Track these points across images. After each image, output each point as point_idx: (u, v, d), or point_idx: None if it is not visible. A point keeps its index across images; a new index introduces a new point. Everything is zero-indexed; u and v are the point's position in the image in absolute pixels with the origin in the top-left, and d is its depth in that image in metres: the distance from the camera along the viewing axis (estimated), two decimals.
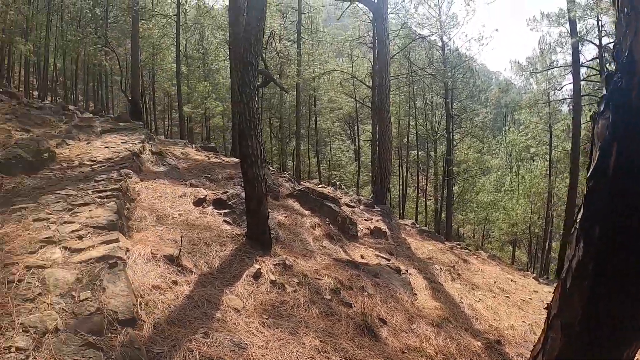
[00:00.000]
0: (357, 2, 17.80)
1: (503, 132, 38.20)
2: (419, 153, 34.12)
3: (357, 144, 38.74)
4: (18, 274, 3.83)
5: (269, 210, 7.09)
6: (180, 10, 28.21)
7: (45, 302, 3.49)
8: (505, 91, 46.34)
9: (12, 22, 23.43)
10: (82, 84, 36.71)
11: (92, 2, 27.64)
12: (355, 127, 39.67)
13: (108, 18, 29.63)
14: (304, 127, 32.93)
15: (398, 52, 26.31)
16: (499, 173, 35.39)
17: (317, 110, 34.82)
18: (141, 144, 10.37)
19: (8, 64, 28.21)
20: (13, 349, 2.95)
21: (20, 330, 3.12)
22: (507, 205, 30.99)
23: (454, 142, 29.61)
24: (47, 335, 3.12)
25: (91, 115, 15.57)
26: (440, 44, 27.93)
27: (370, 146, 28.98)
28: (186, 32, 31.17)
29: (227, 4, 26.26)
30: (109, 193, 5.83)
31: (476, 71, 31.37)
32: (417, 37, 27.49)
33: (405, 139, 33.47)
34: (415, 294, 7.24)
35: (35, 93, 30.76)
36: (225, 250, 5.89)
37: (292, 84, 27.54)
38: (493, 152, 37.80)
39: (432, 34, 27.60)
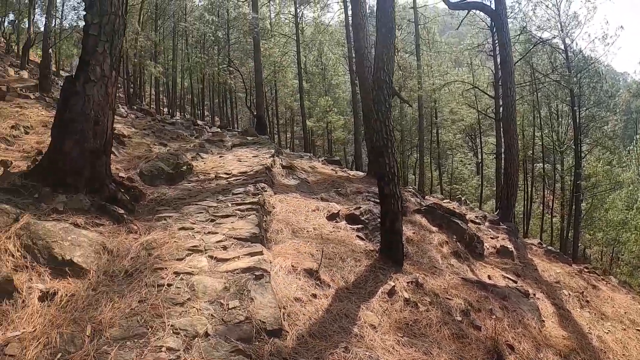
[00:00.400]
0: (474, 10, 17.54)
1: (634, 141, 36.61)
2: (545, 166, 33.10)
3: (479, 156, 38.51)
4: (167, 278, 4.33)
5: None
6: (298, 29, 30.62)
7: (194, 307, 3.92)
8: (636, 95, 41.64)
9: (142, 48, 27.15)
10: (208, 100, 41.36)
11: (214, 27, 30.89)
12: (478, 139, 39.40)
13: (230, 40, 32.84)
14: (425, 140, 33.10)
15: (520, 59, 25.69)
16: (630, 188, 33.02)
17: (439, 123, 35.41)
18: (272, 158, 11.15)
19: (140, 84, 32.94)
20: (164, 349, 3.37)
21: (171, 331, 3.55)
22: (639, 225, 29.11)
23: (582, 154, 28.32)
24: (196, 338, 3.52)
25: (219, 129, 17.30)
26: (562, 46, 27.05)
27: (495, 159, 28.42)
28: (304, 49, 33.35)
29: (343, 20, 27.87)
30: (248, 206, 6.45)
31: (603, 74, 29.67)
32: (538, 41, 26.61)
33: (530, 151, 32.27)
34: (543, 321, 7.27)
35: (165, 110, 35.14)
36: (359, 265, 6.30)
37: (414, 97, 28.15)
38: (624, 164, 35.01)
39: (554, 37, 26.82)
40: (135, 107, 21.50)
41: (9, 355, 3.24)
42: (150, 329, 3.59)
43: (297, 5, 29.33)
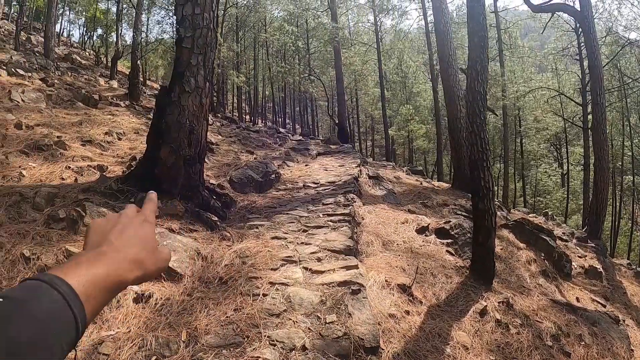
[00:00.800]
0: (558, 12, 16.69)
1: None
2: (635, 179, 31.21)
3: (564, 167, 36.58)
4: (262, 288, 4.36)
5: None
6: (378, 37, 30.57)
7: (290, 319, 3.91)
8: None
9: (225, 58, 28.43)
10: (289, 108, 42.74)
11: (294, 37, 31.58)
12: (563, 148, 37.66)
13: (309, 49, 33.64)
14: (509, 150, 32.16)
15: (607, 63, 24.34)
16: None
17: (522, 132, 34.19)
18: (358, 168, 11.16)
19: (223, 93, 34.60)
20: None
21: (267, 342, 3.57)
22: None
23: None
24: (294, 351, 3.52)
25: (301, 137, 17.62)
26: None
27: (582, 171, 27.39)
28: (384, 57, 33.12)
29: (423, 26, 27.58)
30: (339, 217, 6.48)
31: None
32: (626, 42, 25.18)
33: (619, 162, 30.84)
34: (632, 350, 7.04)
35: (247, 117, 36.47)
36: (450, 282, 6.24)
37: (498, 105, 27.39)
38: None
39: None
40: (219, 115, 22.39)
41: (103, 354, 3.36)
42: (246, 339, 3.63)
43: (376, 14, 29.44)
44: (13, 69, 14.67)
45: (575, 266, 10.40)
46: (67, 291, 0.61)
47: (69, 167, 7.57)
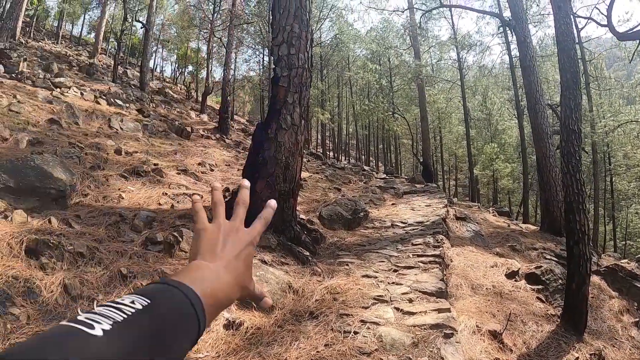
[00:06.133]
0: None
1: None
2: None
3: None
4: (354, 325, 4.43)
5: None
6: (462, 74, 30.33)
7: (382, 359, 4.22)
8: None
9: (310, 96, 30.14)
10: (372, 146, 43.27)
11: (377, 75, 32.12)
12: None
13: (393, 87, 33.84)
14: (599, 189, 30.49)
15: None
16: None
17: (612, 169, 32.26)
18: (445, 208, 11.16)
19: (308, 130, 35.75)
20: None
21: None
22: None
23: None
24: None
25: (385, 176, 17.73)
26: None
27: None
28: (468, 94, 32.70)
29: (507, 61, 27.02)
30: (430, 259, 6.49)
31: None
32: None
33: None
34: None
35: (330, 154, 37.12)
36: (541, 330, 6.06)
37: (586, 142, 26.04)
38: None
39: None
40: (305, 151, 23.06)
41: None
42: None
43: (459, 50, 29.36)
44: (112, 99, 15.95)
45: None
46: (193, 297, 0.67)
47: (166, 194, 8.06)
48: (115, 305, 0.58)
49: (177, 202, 7.87)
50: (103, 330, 0.51)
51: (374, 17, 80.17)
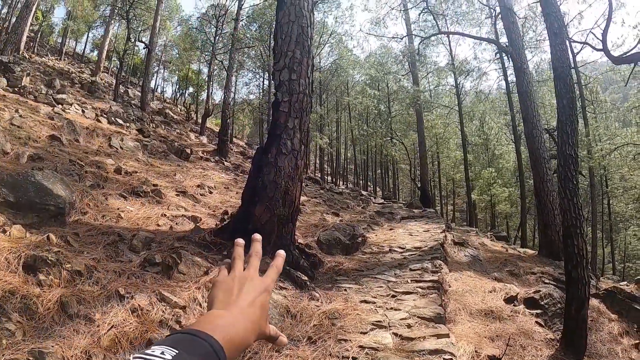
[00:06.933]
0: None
1: None
2: None
3: None
4: (352, 351, 4.41)
5: None
6: (460, 99, 30.66)
7: None
8: None
9: (310, 121, 30.39)
10: (370, 171, 43.46)
11: (376, 100, 32.57)
12: None
13: (391, 112, 34.01)
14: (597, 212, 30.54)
15: None
16: None
17: (609, 192, 32.51)
18: (443, 234, 11.20)
19: (306, 154, 35.94)
20: None
21: None
22: None
23: None
24: None
25: (383, 200, 17.76)
26: None
27: None
28: (465, 119, 33.22)
29: (504, 87, 27.38)
30: (428, 284, 6.47)
31: None
32: None
33: None
34: None
35: (328, 178, 37.31)
36: (540, 355, 6.05)
37: (583, 166, 26.31)
38: None
39: None
40: (303, 176, 23.15)
41: None
42: None
43: (457, 76, 29.72)
44: (113, 118, 16.01)
45: None
46: (216, 345, 0.72)
47: (165, 215, 8.06)
48: (147, 357, 0.63)
49: (176, 223, 7.87)
50: None
51: (373, 44, 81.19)
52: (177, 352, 0.65)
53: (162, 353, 0.64)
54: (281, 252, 1.03)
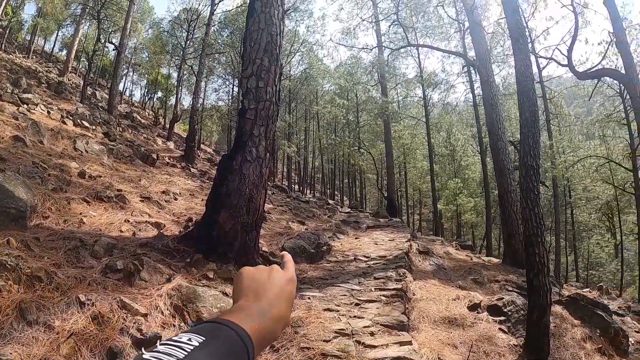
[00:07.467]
0: (603, 78, 16.74)
1: None
2: None
3: (617, 237, 34.47)
4: (315, 359, 4.47)
5: None
6: (427, 111, 31.20)
7: None
8: None
9: (277, 128, 30.32)
10: (338, 180, 43.64)
11: (344, 110, 32.77)
12: (615, 217, 35.59)
13: (359, 122, 34.51)
14: (560, 222, 31.28)
15: None
16: None
17: (573, 202, 33.46)
18: (408, 243, 11.31)
19: (274, 162, 35.95)
20: None
21: None
22: None
23: None
24: None
25: (350, 210, 17.88)
26: None
27: (637, 240, 25.88)
28: (433, 130, 33.73)
29: (471, 99, 28.07)
30: (392, 292, 6.52)
31: None
32: None
33: None
34: None
35: (296, 187, 37.23)
36: None
37: (547, 177, 27.26)
38: None
39: None
40: (270, 184, 23.09)
41: None
42: None
43: (425, 88, 30.23)
44: (79, 120, 15.65)
45: (633, 342, 10.01)
46: (243, 334, 0.72)
47: (128, 221, 7.93)
48: (174, 343, 0.63)
49: (140, 230, 7.76)
50: None
51: (343, 54, 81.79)
52: (204, 339, 0.66)
53: (189, 339, 0.65)
54: (287, 255, 1.03)
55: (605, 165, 28.82)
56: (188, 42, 26.36)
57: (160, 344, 0.63)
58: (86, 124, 15.69)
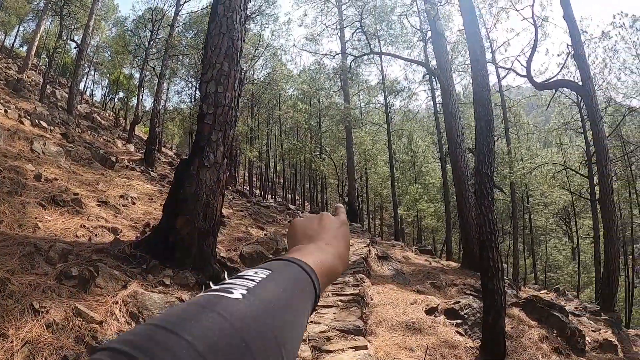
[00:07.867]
0: (561, 88, 17.47)
1: None
2: None
3: (574, 240, 36.09)
4: None
5: None
6: (389, 118, 31.68)
7: None
8: None
9: (239, 132, 29.31)
10: (299, 185, 43.65)
11: (307, 115, 32.69)
12: (572, 222, 37.14)
13: (321, 127, 34.42)
14: (518, 226, 32.09)
15: (611, 133, 24.23)
16: None
17: (530, 207, 34.44)
18: (367, 248, 11.41)
19: (235, 166, 35.51)
20: None
21: None
22: None
23: None
24: None
25: (311, 214, 18.02)
26: None
27: (592, 243, 26.68)
28: (394, 136, 34.01)
29: (432, 107, 28.66)
30: (349, 297, 6.57)
31: None
32: (627, 110, 25.43)
33: (629, 232, 30.28)
34: None
35: (257, 192, 37.11)
36: None
37: (505, 182, 27.97)
38: None
39: None
40: (230, 188, 22.89)
41: None
42: None
43: (387, 95, 30.61)
44: (37, 120, 15.19)
45: (589, 341, 10.32)
46: (308, 268, 0.72)
47: (84, 226, 7.77)
48: (241, 277, 0.63)
49: (96, 235, 7.61)
50: (242, 294, 0.57)
51: (307, 59, 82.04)
52: (270, 271, 0.66)
53: (256, 273, 0.65)
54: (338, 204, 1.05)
55: (562, 171, 29.80)
56: (151, 42, 25.93)
57: (229, 279, 0.64)
58: (44, 125, 15.26)
